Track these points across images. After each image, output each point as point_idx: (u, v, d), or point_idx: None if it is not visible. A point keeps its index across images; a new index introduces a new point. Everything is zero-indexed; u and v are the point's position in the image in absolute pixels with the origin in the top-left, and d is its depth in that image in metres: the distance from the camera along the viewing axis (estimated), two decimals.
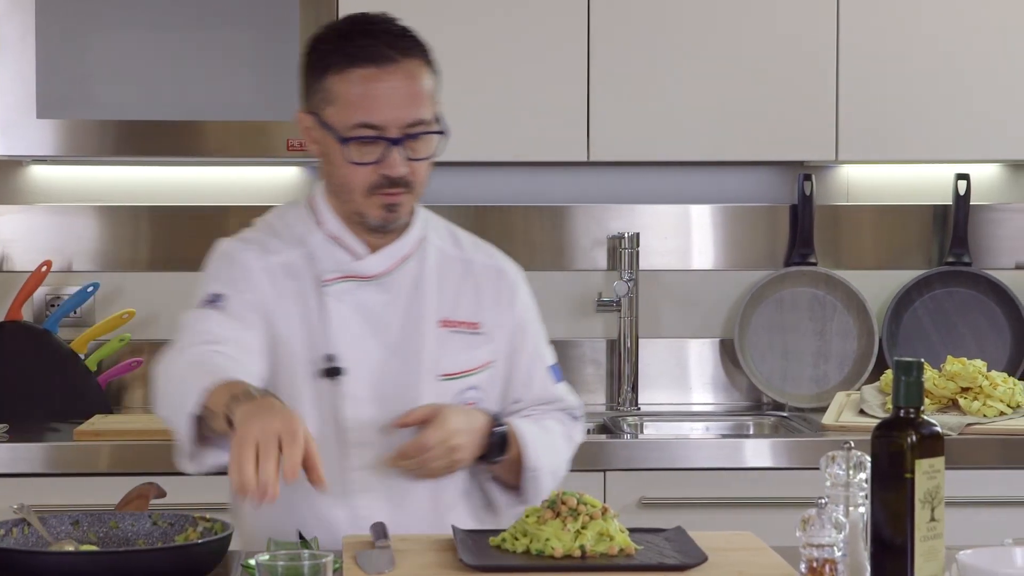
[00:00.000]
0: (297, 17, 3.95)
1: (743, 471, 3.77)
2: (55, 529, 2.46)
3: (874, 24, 4.09)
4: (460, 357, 2.76)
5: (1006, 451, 3.79)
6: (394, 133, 2.60)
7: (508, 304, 2.82)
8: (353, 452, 2.69)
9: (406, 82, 2.62)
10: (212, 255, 2.75)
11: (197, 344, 2.55)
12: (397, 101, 2.61)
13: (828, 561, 2.05)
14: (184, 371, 2.47)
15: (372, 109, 2.60)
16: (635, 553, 2.39)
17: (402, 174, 2.62)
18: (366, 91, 2.60)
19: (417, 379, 2.72)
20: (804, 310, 4.38)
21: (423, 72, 2.65)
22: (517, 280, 2.86)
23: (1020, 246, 4.45)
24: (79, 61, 3.92)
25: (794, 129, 4.09)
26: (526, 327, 2.85)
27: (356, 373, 2.69)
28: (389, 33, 2.64)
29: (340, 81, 2.61)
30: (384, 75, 2.60)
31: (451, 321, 2.77)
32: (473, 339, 2.78)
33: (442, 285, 2.77)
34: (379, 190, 2.63)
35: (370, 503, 2.68)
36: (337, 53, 2.63)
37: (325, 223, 2.73)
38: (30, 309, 4.26)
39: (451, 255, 2.81)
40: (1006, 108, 4.11)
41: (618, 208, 4.37)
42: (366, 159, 2.61)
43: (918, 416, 2.11)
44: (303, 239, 2.73)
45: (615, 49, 4.06)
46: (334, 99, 2.62)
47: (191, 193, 4.34)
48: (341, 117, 2.61)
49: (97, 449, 3.70)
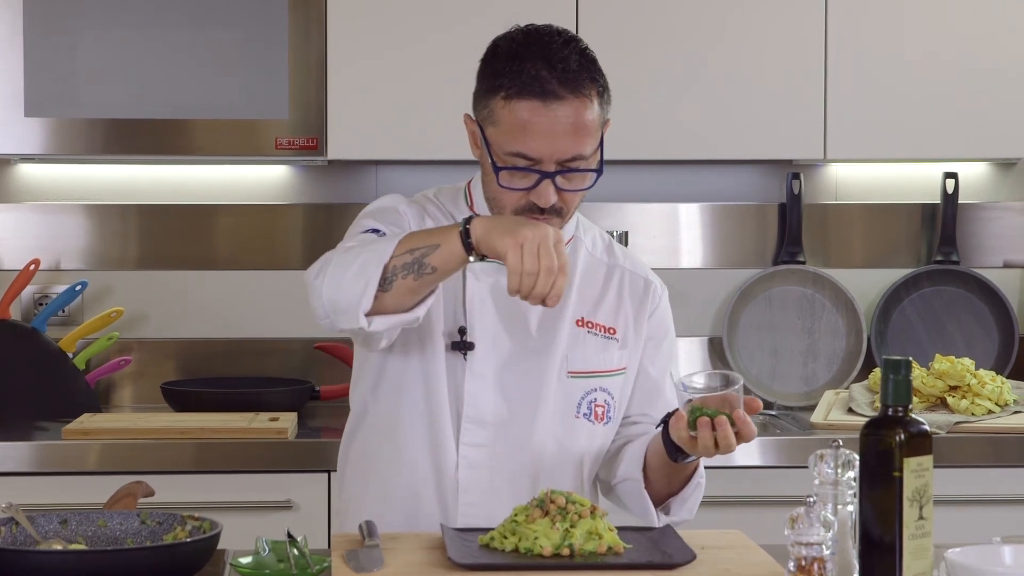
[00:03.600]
0: (286, 15, 3.94)
1: (732, 469, 3.77)
2: (43, 528, 2.45)
3: (862, 23, 4.10)
4: (592, 357, 2.76)
5: (994, 449, 3.80)
6: (549, 167, 2.59)
7: (646, 316, 2.83)
8: (467, 428, 2.71)
9: (570, 119, 2.59)
10: (376, 204, 2.77)
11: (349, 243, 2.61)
12: (556, 137, 2.58)
13: (816, 559, 2.05)
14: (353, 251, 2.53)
15: (530, 142, 2.57)
16: (624, 552, 2.39)
17: (551, 204, 2.61)
18: (527, 124, 2.57)
19: (544, 372, 2.73)
20: (793, 309, 4.39)
21: (591, 107, 2.62)
22: (661, 296, 2.86)
23: (1008, 244, 4.46)
24: (67, 59, 3.91)
25: (782, 128, 4.10)
26: (660, 342, 2.85)
27: (484, 350, 2.71)
28: (565, 67, 2.60)
29: (505, 107, 2.59)
30: (547, 111, 2.58)
31: (588, 322, 2.77)
32: (608, 343, 2.78)
33: (585, 286, 2.79)
34: (527, 213, 2.62)
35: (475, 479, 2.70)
36: (508, 75, 2.59)
37: (475, 207, 2.75)
38: (18, 308, 4.26)
39: (599, 259, 2.83)
40: (994, 107, 4.12)
41: (607, 207, 4.37)
42: (518, 185, 2.61)
43: (906, 414, 2.11)
44: (455, 217, 2.74)
45: (604, 47, 4.03)
46: (496, 121, 2.61)
47: (180, 192, 4.34)
48: (501, 141, 2.60)
49: (85, 448, 3.70)
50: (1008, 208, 4.47)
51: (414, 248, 2.48)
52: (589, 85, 2.62)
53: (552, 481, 2.70)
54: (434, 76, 4.00)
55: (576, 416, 2.76)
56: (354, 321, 2.50)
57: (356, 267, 2.50)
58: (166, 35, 3.93)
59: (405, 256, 2.48)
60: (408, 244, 2.49)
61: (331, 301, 2.52)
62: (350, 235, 2.70)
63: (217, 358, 4.32)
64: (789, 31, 4.09)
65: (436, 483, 2.72)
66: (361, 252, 2.52)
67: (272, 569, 2.37)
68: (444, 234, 2.48)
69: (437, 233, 2.50)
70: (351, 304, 2.49)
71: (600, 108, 2.65)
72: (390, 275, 2.48)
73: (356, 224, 2.72)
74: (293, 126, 3.96)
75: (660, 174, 4.43)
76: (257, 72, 3.94)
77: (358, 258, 2.51)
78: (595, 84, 2.64)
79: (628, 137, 4.07)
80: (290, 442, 3.71)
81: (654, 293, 2.85)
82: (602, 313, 2.79)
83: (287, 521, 3.51)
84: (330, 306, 2.53)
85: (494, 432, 2.71)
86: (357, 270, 2.49)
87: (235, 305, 4.32)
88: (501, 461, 2.72)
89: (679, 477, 2.73)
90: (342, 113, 3.97)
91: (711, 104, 4.08)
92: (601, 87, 2.66)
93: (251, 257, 4.33)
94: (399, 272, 2.48)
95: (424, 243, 2.48)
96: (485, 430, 2.71)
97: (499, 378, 2.72)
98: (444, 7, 3.99)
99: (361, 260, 2.50)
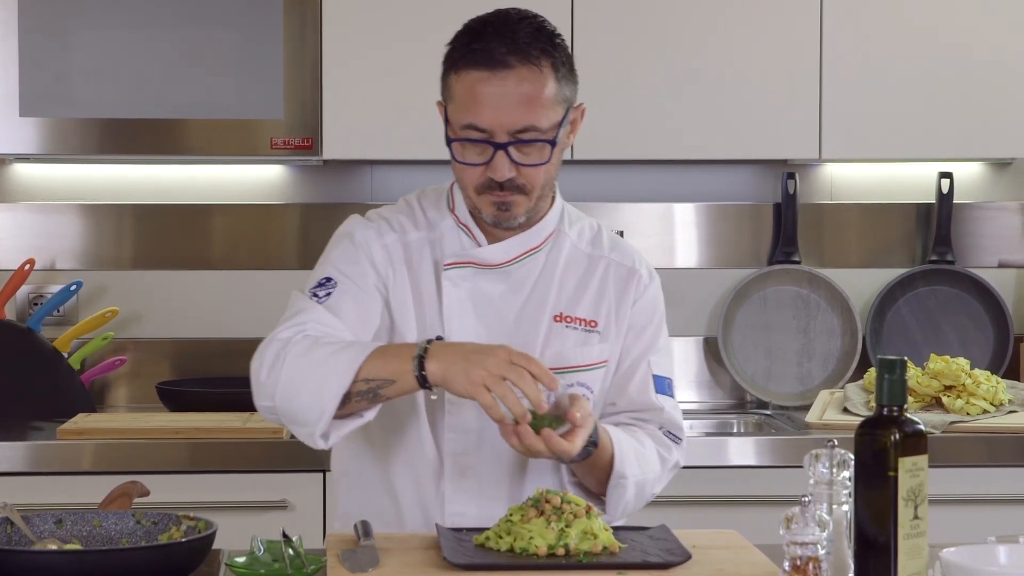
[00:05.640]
0: (281, 15, 3.94)
1: (727, 469, 3.78)
2: (38, 528, 2.45)
3: (857, 23, 4.10)
4: (569, 352, 2.73)
5: (989, 449, 3.80)
6: (501, 138, 2.58)
7: (629, 305, 2.79)
8: (450, 436, 2.69)
9: (519, 88, 2.57)
10: (337, 232, 2.77)
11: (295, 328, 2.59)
12: (506, 106, 2.56)
13: (812, 559, 2.05)
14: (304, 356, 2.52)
15: (479, 112, 2.57)
16: (619, 551, 2.39)
17: (507, 178, 2.59)
18: (476, 93, 2.57)
19: None
20: (788, 308, 4.39)
21: (543, 79, 2.59)
22: (648, 284, 2.82)
23: (1003, 244, 4.47)
24: (62, 59, 3.91)
25: (778, 128, 4.10)
26: (641, 330, 2.80)
27: None
28: (514, 37, 2.59)
29: (457, 80, 2.60)
30: (495, 79, 2.57)
31: (567, 316, 2.75)
32: (588, 336, 2.75)
33: (565, 280, 2.76)
34: (489, 191, 2.62)
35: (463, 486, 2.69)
36: (461, 50, 2.61)
37: (457, 210, 2.74)
38: (13, 308, 4.26)
39: (582, 251, 2.79)
40: (989, 107, 4.12)
41: (602, 206, 4.37)
42: (472, 160, 2.61)
43: (901, 414, 2.11)
44: (434, 224, 2.74)
45: (598, 47, 4.06)
46: (451, 96, 2.62)
47: (175, 191, 4.34)
48: (455, 116, 2.61)
49: (80, 448, 3.70)
50: (1003, 208, 4.47)
51: (369, 379, 2.49)
52: (540, 55, 2.59)
53: (535, 483, 2.69)
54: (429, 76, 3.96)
55: None
56: (310, 441, 2.53)
57: (312, 385, 2.50)
58: (161, 35, 3.93)
59: (360, 384, 2.49)
60: (365, 371, 2.48)
61: (286, 412, 2.54)
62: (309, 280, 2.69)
63: (212, 358, 4.32)
64: (784, 31, 4.09)
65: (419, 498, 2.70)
66: (316, 367, 2.50)
67: (267, 569, 2.36)
68: (401, 369, 2.47)
69: (394, 362, 2.48)
70: (307, 425, 2.52)
71: (558, 83, 2.60)
72: (345, 399, 2.50)
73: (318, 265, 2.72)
74: (288, 126, 3.96)
75: (655, 174, 4.43)
76: (252, 72, 3.94)
77: (314, 373, 2.50)
78: (548, 56, 2.60)
79: (623, 137, 4.08)
80: (285, 442, 3.71)
81: (639, 281, 2.80)
82: (583, 306, 2.76)
83: (282, 521, 3.51)
84: (285, 416, 2.55)
85: (477, 438, 2.69)
86: (313, 391, 2.49)
87: (230, 305, 4.32)
88: (485, 468, 2.70)
89: (596, 472, 2.68)
90: (337, 113, 3.97)
91: (706, 104, 4.08)
92: (558, 61, 2.61)
93: (246, 257, 4.33)
94: (354, 397, 2.50)
95: (380, 375, 2.48)
96: (468, 437, 2.69)
97: None
98: (440, 7, 3.99)
99: (318, 378, 2.50)
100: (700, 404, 4.39)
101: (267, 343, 2.59)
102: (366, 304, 2.66)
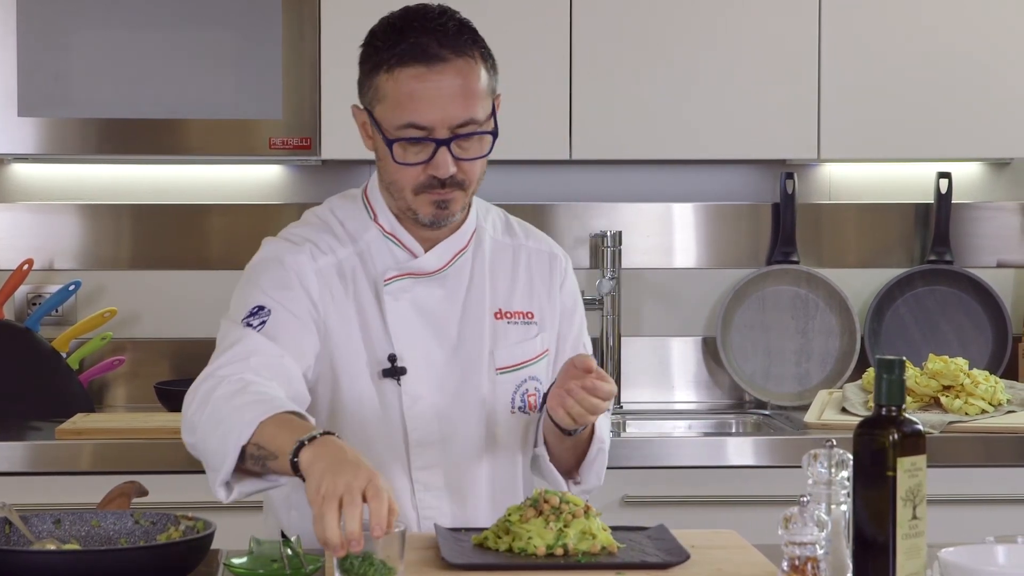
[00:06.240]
0: (280, 15, 3.94)
1: (725, 469, 3.78)
2: (37, 528, 2.45)
3: (856, 23, 4.10)
4: (515, 349, 2.73)
5: (988, 449, 3.80)
6: (442, 134, 2.54)
7: (558, 290, 2.80)
8: (415, 451, 2.66)
9: (456, 81, 2.54)
10: (260, 255, 2.68)
11: (236, 365, 2.49)
12: (446, 101, 2.53)
13: (810, 559, 2.05)
14: (228, 399, 2.41)
15: (419, 109, 2.53)
16: (617, 551, 2.39)
17: (451, 174, 2.56)
18: (413, 91, 2.53)
19: (476, 374, 2.69)
20: (786, 308, 4.39)
21: (476, 70, 2.57)
22: (567, 266, 2.84)
23: (1001, 244, 4.47)
24: (61, 59, 3.91)
25: (776, 127, 4.10)
26: (572, 313, 2.82)
27: (417, 372, 2.65)
28: (442, 30, 2.56)
29: (389, 80, 2.55)
30: (432, 75, 2.53)
31: (506, 312, 2.74)
32: (528, 329, 2.75)
33: (496, 276, 2.74)
34: (429, 189, 2.58)
35: (433, 501, 2.66)
36: (388, 50, 2.55)
37: (380, 219, 2.69)
38: (11, 308, 4.26)
39: (504, 244, 2.78)
40: (987, 107, 4.12)
41: (600, 206, 4.37)
42: (414, 159, 2.56)
43: (900, 414, 2.11)
44: (357, 236, 2.68)
45: (597, 47, 4.06)
46: (383, 98, 2.57)
47: (173, 191, 4.34)
48: (390, 117, 2.56)
49: (79, 448, 3.69)
50: (1001, 208, 4.47)
51: (259, 445, 2.33)
52: (471, 46, 2.57)
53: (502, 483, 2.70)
54: None
55: (512, 412, 2.72)
56: (213, 488, 2.41)
57: (222, 431, 2.37)
58: (160, 35, 3.93)
59: (253, 448, 2.34)
60: (259, 435, 2.32)
61: (201, 453, 2.44)
62: (236, 308, 2.61)
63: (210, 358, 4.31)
64: (783, 31, 4.09)
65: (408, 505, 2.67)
66: (231, 412, 2.38)
67: (266, 569, 2.36)
68: (284, 449, 2.26)
69: (283, 437, 2.28)
70: (213, 471, 2.40)
71: (487, 74, 2.59)
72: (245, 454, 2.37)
73: (242, 291, 2.64)
74: (287, 126, 3.96)
75: (654, 174, 4.43)
76: (251, 72, 3.94)
77: (227, 419, 2.38)
78: (476, 46, 2.59)
79: (622, 137, 4.08)
80: None
81: (560, 265, 2.82)
82: (517, 299, 2.75)
83: None
84: (201, 457, 2.45)
85: (441, 450, 2.67)
86: (221, 437, 2.37)
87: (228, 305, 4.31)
88: (455, 477, 2.68)
89: (579, 446, 2.71)
90: (336, 113, 3.97)
91: (705, 104, 4.08)
92: (484, 51, 2.60)
93: (245, 257, 4.26)
94: (248, 459, 2.37)
95: (268, 445, 2.31)
96: (434, 449, 2.67)
97: (435, 395, 2.67)
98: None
99: (226, 426, 2.37)
100: (698, 404, 4.39)
101: (203, 378, 2.49)
102: (300, 332, 2.59)
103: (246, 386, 2.43)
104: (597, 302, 4.28)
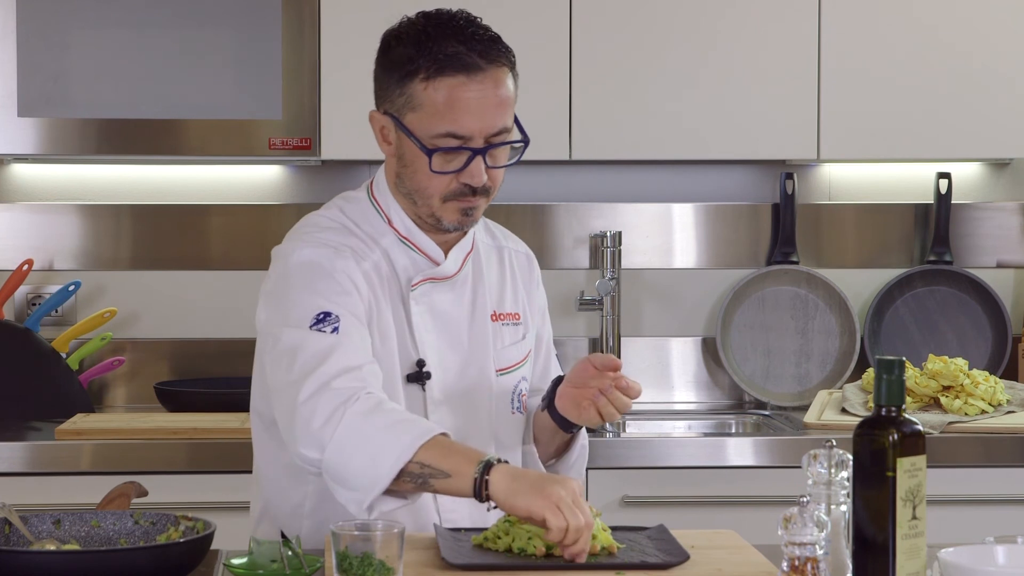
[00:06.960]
0: (279, 15, 3.94)
1: (725, 469, 3.78)
2: (36, 528, 2.45)
3: (856, 23, 4.10)
4: (511, 350, 2.75)
5: (987, 449, 3.80)
6: (479, 143, 2.54)
7: (535, 289, 2.83)
8: None
9: (493, 91, 2.54)
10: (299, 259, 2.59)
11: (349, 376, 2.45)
12: (483, 111, 2.53)
13: (810, 559, 2.05)
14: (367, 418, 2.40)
15: (460, 119, 2.52)
16: (617, 552, 2.39)
17: (484, 182, 2.57)
18: (455, 100, 2.52)
19: (484, 377, 2.70)
20: (786, 309, 4.39)
21: (508, 79, 2.57)
22: (536, 265, 2.87)
23: (1001, 244, 4.47)
24: (60, 59, 3.91)
25: (776, 128, 4.10)
26: (544, 312, 2.87)
27: (437, 376, 2.66)
28: (478, 39, 2.55)
29: (428, 88, 2.54)
30: (473, 84, 2.53)
31: (500, 314, 2.75)
32: (517, 330, 2.77)
33: (489, 278, 2.75)
34: (459, 197, 2.57)
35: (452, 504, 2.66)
36: (425, 57, 2.54)
37: (396, 223, 2.67)
38: (11, 308, 4.26)
39: (490, 245, 2.79)
40: (987, 107, 4.12)
41: (600, 207, 4.37)
42: (449, 168, 2.56)
43: (900, 414, 2.11)
44: (375, 239, 2.66)
45: (597, 48, 4.06)
46: (418, 106, 2.55)
47: (173, 192, 4.34)
48: (426, 125, 2.54)
49: (79, 448, 3.69)
50: (1001, 208, 4.47)
51: (424, 464, 2.38)
52: (504, 55, 2.58)
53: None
54: None
55: (512, 412, 2.75)
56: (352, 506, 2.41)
57: (369, 453, 2.38)
58: (159, 35, 3.93)
59: (414, 466, 2.38)
60: (423, 455, 2.38)
61: (334, 472, 2.42)
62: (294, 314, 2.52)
63: (210, 358, 4.32)
64: (783, 31, 4.09)
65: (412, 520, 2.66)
66: (377, 433, 2.39)
67: (265, 569, 2.36)
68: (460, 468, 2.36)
69: (455, 457, 2.37)
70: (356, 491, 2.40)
71: (514, 82, 2.60)
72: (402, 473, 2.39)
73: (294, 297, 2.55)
74: (286, 126, 3.96)
75: (653, 174, 4.43)
76: (250, 72, 3.94)
77: (373, 440, 2.39)
78: (508, 55, 2.59)
79: (622, 137, 4.08)
80: None
81: (535, 266, 2.86)
82: (507, 301, 2.77)
83: None
84: (331, 474, 2.42)
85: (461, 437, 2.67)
86: (368, 458, 2.38)
87: (228, 305, 4.32)
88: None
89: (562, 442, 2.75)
90: (335, 113, 3.97)
91: (705, 104, 4.08)
92: (513, 60, 2.60)
93: (244, 257, 4.33)
94: (404, 476, 2.39)
95: (437, 465, 2.37)
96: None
97: (453, 399, 2.68)
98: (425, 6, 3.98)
99: (374, 447, 2.38)
100: (698, 404, 4.39)
101: (318, 389, 2.44)
102: (367, 337, 2.57)
103: (380, 403, 2.43)
104: (597, 302, 4.28)
